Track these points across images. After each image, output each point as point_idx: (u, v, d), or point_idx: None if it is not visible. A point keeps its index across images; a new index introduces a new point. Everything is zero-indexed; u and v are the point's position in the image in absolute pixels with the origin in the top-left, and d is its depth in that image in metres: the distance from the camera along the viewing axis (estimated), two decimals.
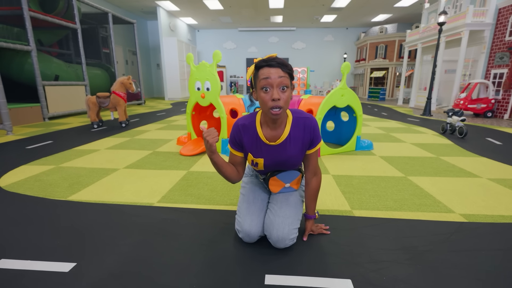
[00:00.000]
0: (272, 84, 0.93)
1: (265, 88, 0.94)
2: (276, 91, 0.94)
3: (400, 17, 11.14)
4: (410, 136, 3.51)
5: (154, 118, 5.18)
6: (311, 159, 1.13)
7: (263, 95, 0.95)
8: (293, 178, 1.16)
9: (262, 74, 0.95)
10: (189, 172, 2.09)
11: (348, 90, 2.57)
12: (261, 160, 1.09)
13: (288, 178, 1.16)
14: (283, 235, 1.05)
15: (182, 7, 9.77)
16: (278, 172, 1.13)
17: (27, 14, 4.28)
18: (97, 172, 2.09)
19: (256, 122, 1.07)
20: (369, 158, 2.50)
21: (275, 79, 0.93)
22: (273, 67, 0.94)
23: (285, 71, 0.95)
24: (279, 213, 1.10)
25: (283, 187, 1.17)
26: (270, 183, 1.16)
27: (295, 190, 1.20)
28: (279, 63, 0.94)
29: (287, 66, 0.96)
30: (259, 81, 0.96)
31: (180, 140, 3.01)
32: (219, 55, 2.44)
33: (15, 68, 4.83)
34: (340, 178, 1.98)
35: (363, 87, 12.84)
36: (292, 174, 1.15)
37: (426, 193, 1.70)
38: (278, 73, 0.93)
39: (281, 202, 1.14)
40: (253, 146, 1.08)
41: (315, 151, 1.12)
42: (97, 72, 6.72)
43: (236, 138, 1.10)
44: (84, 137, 3.40)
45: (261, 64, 0.96)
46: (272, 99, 0.94)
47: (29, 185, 1.80)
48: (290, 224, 1.08)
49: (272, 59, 0.95)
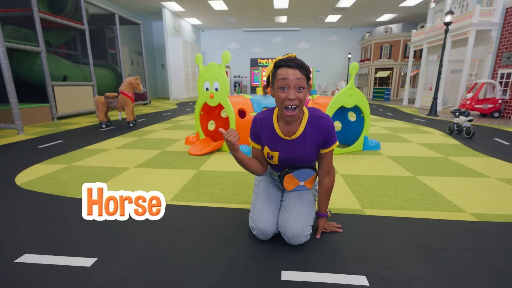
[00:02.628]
0: (289, 84, 0.97)
1: (283, 87, 0.98)
2: (292, 91, 0.98)
3: (405, 17, 11.09)
4: (417, 136, 3.51)
5: (161, 118, 5.23)
6: (325, 158, 1.14)
7: (280, 94, 0.99)
8: (308, 176, 1.18)
9: (280, 74, 0.98)
10: (199, 171, 2.12)
11: (355, 90, 2.58)
12: (276, 153, 1.12)
13: (303, 177, 1.17)
14: (297, 231, 1.08)
15: (187, 7, 9.83)
16: (293, 170, 1.14)
17: (37, 16, 4.35)
18: (109, 170, 2.12)
19: (274, 116, 1.12)
20: (377, 158, 2.51)
21: (292, 80, 0.96)
22: (292, 68, 0.97)
23: (302, 72, 0.98)
24: (293, 210, 1.12)
25: (297, 185, 1.19)
26: (285, 180, 1.17)
27: (308, 189, 1.22)
28: (298, 64, 0.97)
29: (305, 67, 0.99)
30: (277, 81, 0.99)
31: (188, 139, 3.05)
32: (228, 55, 2.47)
33: (24, 68, 4.90)
34: (349, 177, 1.99)
35: (367, 87, 12.80)
36: (307, 172, 1.16)
37: (436, 193, 1.71)
38: (296, 74, 0.96)
39: (295, 200, 1.16)
40: (270, 139, 1.12)
41: (329, 151, 1.13)
42: (104, 72, 6.80)
43: (255, 132, 1.14)
44: (93, 136, 3.45)
45: (280, 64, 0.99)
46: (288, 99, 0.98)
47: (44, 183, 1.84)
48: (304, 221, 1.10)
49: (291, 59, 0.98)
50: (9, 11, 4.33)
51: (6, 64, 3.42)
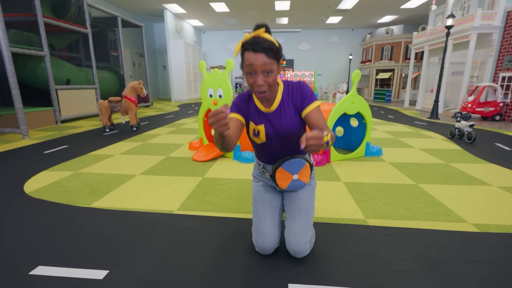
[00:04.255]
0: (256, 70, 0.94)
1: (250, 73, 0.95)
2: (260, 77, 0.95)
3: (406, 18, 11.11)
4: (419, 141, 3.53)
5: (163, 121, 5.26)
6: (312, 119, 1.03)
7: (248, 79, 0.97)
8: (300, 167, 1.11)
9: (247, 59, 0.94)
10: (204, 179, 2.15)
11: (358, 97, 2.61)
12: (261, 127, 1.10)
13: (294, 168, 1.10)
14: (298, 249, 1.11)
15: (189, 9, 9.86)
16: (282, 162, 1.10)
17: (41, 21, 4.38)
18: (115, 178, 2.16)
19: (253, 94, 1.10)
20: (379, 165, 2.54)
21: (259, 66, 0.93)
22: (258, 52, 0.92)
23: (270, 56, 0.93)
24: (292, 228, 1.13)
25: (292, 181, 1.12)
26: (277, 177, 1.11)
27: (305, 184, 1.16)
28: (264, 48, 0.91)
29: (273, 50, 0.93)
30: (244, 66, 0.97)
31: (192, 145, 3.08)
32: (232, 63, 2.50)
33: (28, 72, 4.94)
34: (352, 185, 2.02)
35: (368, 88, 12.81)
36: (298, 163, 1.10)
37: (437, 202, 1.73)
38: (263, 59, 0.92)
39: (294, 214, 1.15)
40: (253, 114, 1.11)
41: (313, 110, 1.04)
42: (106, 75, 6.84)
43: (238, 104, 1.11)
44: (97, 141, 3.49)
45: (246, 47, 0.94)
46: (257, 85, 0.96)
47: (52, 192, 1.88)
48: (302, 237, 1.11)
49: (257, 42, 0.92)
50: (13, 15, 4.37)
51: (11, 70, 3.45)
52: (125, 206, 1.67)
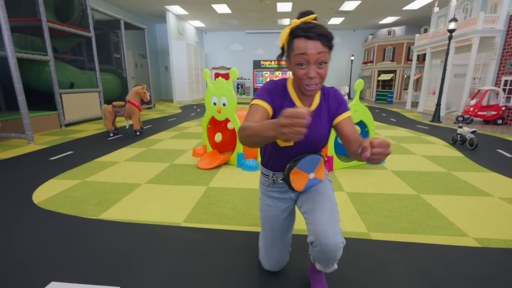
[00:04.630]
0: (309, 60, 0.82)
1: (301, 63, 0.83)
2: (313, 68, 0.83)
3: (408, 20, 11.09)
4: (421, 147, 3.55)
5: (166, 125, 5.29)
6: (346, 128, 0.92)
7: (298, 71, 0.84)
8: (315, 164, 1.01)
9: (298, 47, 0.82)
10: (209, 188, 2.18)
11: (361, 106, 2.63)
12: None
13: (309, 166, 1.00)
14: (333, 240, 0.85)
15: (191, 11, 9.88)
16: (296, 162, 0.97)
17: (46, 26, 4.42)
18: (122, 187, 2.19)
19: (289, 88, 0.96)
20: (381, 173, 2.56)
21: (312, 55, 0.81)
22: (312, 39, 0.80)
23: (325, 44, 0.82)
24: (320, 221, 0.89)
25: (308, 180, 1.01)
26: (292, 178, 0.99)
27: (321, 181, 1.06)
28: (319, 34, 0.80)
29: (328, 37, 0.82)
30: (294, 55, 0.83)
31: (195, 152, 3.11)
32: (235, 72, 2.53)
33: (32, 76, 4.98)
34: (355, 196, 2.05)
35: (370, 89, 12.81)
36: (313, 159, 0.99)
37: (439, 214, 1.76)
38: (317, 48, 0.80)
39: (313, 197, 0.99)
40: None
41: (347, 119, 0.94)
42: (109, 77, 6.88)
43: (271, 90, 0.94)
44: (102, 147, 3.53)
45: (298, 33, 0.82)
46: (308, 77, 0.84)
47: (60, 202, 1.91)
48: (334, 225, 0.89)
49: (311, 27, 0.80)
50: (18, 20, 4.40)
51: (17, 76, 3.49)
52: (133, 218, 1.70)
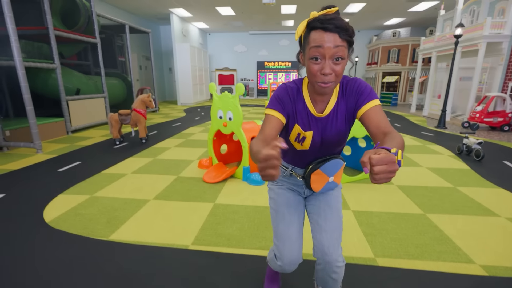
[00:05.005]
0: (324, 54, 0.75)
1: (316, 57, 0.77)
2: (328, 63, 0.76)
3: (413, 21, 10.99)
4: (426, 159, 3.54)
5: (171, 131, 5.33)
6: (372, 120, 0.81)
7: (312, 65, 0.78)
8: (338, 168, 0.98)
9: (313, 40, 0.76)
10: (216, 206, 2.21)
11: None
12: (309, 133, 0.91)
13: (332, 170, 0.97)
14: (334, 250, 0.94)
15: (195, 13, 9.89)
16: (321, 164, 0.95)
17: (53, 34, 4.46)
18: (130, 204, 2.23)
19: (303, 90, 0.91)
20: (387, 189, 2.57)
21: (328, 49, 0.74)
22: (329, 31, 0.73)
23: (343, 38, 0.75)
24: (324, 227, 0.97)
25: (327, 183, 0.99)
26: (313, 179, 0.96)
27: (337, 185, 1.04)
28: (338, 26, 0.73)
29: (347, 30, 0.75)
30: (309, 48, 0.77)
31: (201, 163, 3.14)
32: (242, 88, 2.54)
33: (39, 83, 5.04)
34: (361, 215, 2.06)
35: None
36: (336, 164, 0.97)
37: (446, 238, 1.76)
38: (335, 41, 0.74)
39: (325, 212, 1.00)
40: (302, 117, 0.91)
41: (373, 109, 0.82)
42: (114, 82, 6.92)
43: (282, 97, 0.89)
44: (109, 156, 3.57)
45: (315, 25, 0.76)
46: (322, 73, 0.77)
47: (71, 221, 1.95)
48: (337, 238, 0.97)
49: (329, 19, 0.74)
50: (25, 29, 4.45)
51: (25, 87, 3.54)
52: (142, 239, 1.73)
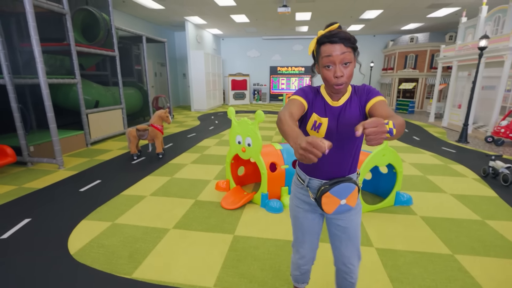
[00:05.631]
0: (334, 61, 0.95)
1: (328, 65, 0.96)
2: (338, 68, 0.95)
3: (432, 26, 10.67)
4: (449, 182, 3.41)
5: (186, 144, 5.37)
6: (377, 110, 0.98)
7: (326, 72, 0.98)
8: (349, 192, 1.07)
9: (324, 51, 0.95)
10: (235, 238, 2.19)
11: (389, 150, 2.56)
12: (325, 119, 1.05)
13: (343, 193, 1.06)
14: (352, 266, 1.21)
15: (209, 20, 9.96)
16: (330, 187, 1.04)
17: (74, 50, 4.58)
18: (150, 234, 2.24)
19: (321, 89, 1.11)
20: (410, 220, 2.48)
21: (337, 56, 0.94)
22: (336, 43, 0.93)
23: (347, 46, 0.94)
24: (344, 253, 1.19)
25: (339, 206, 1.07)
26: (323, 201, 1.05)
27: (351, 208, 1.11)
28: (341, 38, 0.93)
29: (350, 39, 0.94)
30: (321, 58, 0.97)
31: (219, 185, 3.14)
32: (261, 115, 2.52)
33: (61, 96, 5.20)
34: (385, 254, 2.00)
35: (390, 97, 12.45)
36: (348, 187, 1.06)
37: (477, 286, 1.68)
38: (341, 49, 0.93)
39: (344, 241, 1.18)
40: (319, 106, 1.08)
41: (379, 102, 0.99)
42: (131, 91, 7.05)
43: (305, 89, 1.09)
44: (127, 174, 3.62)
45: (323, 41, 0.96)
46: (335, 76, 0.96)
47: (94, 253, 1.98)
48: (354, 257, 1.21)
49: (334, 34, 0.94)
50: (49, 45, 4.60)
51: (49, 106, 3.65)
52: (164, 278, 1.73)
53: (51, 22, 4.69)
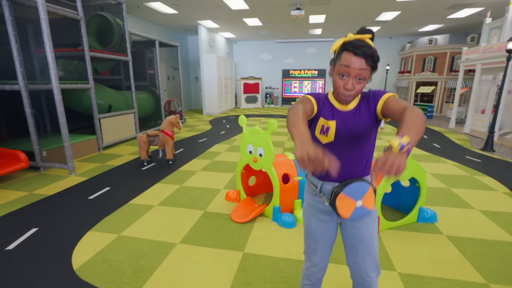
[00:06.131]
0: (350, 73, 0.92)
1: (342, 74, 0.94)
2: (351, 81, 0.93)
3: (452, 27, 10.23)
4: (477, 197, 3.15)
5: (197, 149, 5.30)
6: (390, 105, 0.95)
7: (338, 80, 0.96)
8: (364, 191, 1.02)
9: (344, 59, 0.92)
10: (245, 256, 2.06)
11: (412, 162, 2.36)
12: (333, 122, 1.03)
13: (357, 193, 1.02)
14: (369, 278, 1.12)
15: (222, 24, 9.95)
16: (342, 187, 1.00)
17: (88, 55, 4.61)
18: (156, 248, 2.14)
19: (329, 95, 1.09)
20: (435, 240, 2.27)
21: (354, 69, 0.91)
22: (358, 56, 0.90)
23: (368, 63, 0.91)
24: (362, 265, 1.11)
25: (355, 208, 1.02)
26: (338, 204, 1.01)
27: (370, 212, 1.06)
28: (365, 53, 0.89)
29: (373, 57, 0.91)
30: (339, 64, 0.95)
31: (228, 196, 3.02)
32: (274, 125, 2.39)
33: (74, 101, 5.25)
34: (409, 280, 1.81)
35: (407, 101, 12.01)
36: (361, 186, 1.02)
37: None
38: (360, 64, 0.90)
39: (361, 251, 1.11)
40: (327, 111, 1.05)
41: (389, 98, 0.97)
42: (143, 96, 7.08)
43: (315, 94, 1.09)
44: (136, 181, 3.57)
45: (347, 47, 0.92)
46: (345, 88, 0.95)
47: (97, 270, 1.89)
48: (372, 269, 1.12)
49: (360, 46, 0.90)
50: (64, 51, 4.65)
51: (61, 112, 3.65)
52: None
53: (69, 28, 4.75)
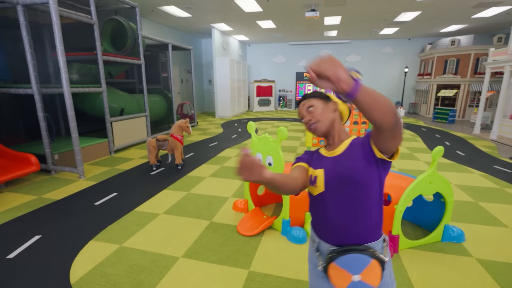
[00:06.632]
0: (300, 113, 1.03)
1: (301, 119, 1.03)
2: (305, 114, 1.01)
3: (477, 27, 9.70)
4: (510, 213, 2.86)
5: (207, 153, 5.21)
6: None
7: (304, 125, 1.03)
8: (363, 266, 0.84)
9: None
10: (250, 275, 1.91)
11: (437, 176, 2.14)
12: (320, 171, 0.96)
13: (353, 266, 0.84)
14: None
15: (235, 27, 9.90)
16: (337, 255, 0.86)
17: (101, 59, 4.63)
18: (157, 262, 2.03)
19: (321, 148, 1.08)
20: (463, 263, 2.03)
21: (301, 109, 1.03)
22: (300, 102, 1.04)
23: (307, 98, 1.02)
24: None
25: (351, 283, 0.84)
26: (330, 273, 0.87)
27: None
28: (304, 97, 1.04)
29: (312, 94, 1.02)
30: None
31: (236, 205, 2.88)
32: (284, 133, 2.23)
33: (88, 104, 5.31)
34: None
35: (426, 105, 11.50)
36: (359, 260, 0.84)
37: None
38: (303, 104, 1.02)
39: None
40: (315, 161, 1.02)
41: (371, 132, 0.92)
42: (156, 99, 7.10)
43: (303, 155, 1.09)
44: (144, 187, 3.50)
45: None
46: (305, 123, 1.01)
47: (95, 285, 1.80)
48: None
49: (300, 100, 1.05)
50: (78, 55, 4.71)
51: (72, 116, 3.65)
52: None
53: (85, 33, 4.81)
